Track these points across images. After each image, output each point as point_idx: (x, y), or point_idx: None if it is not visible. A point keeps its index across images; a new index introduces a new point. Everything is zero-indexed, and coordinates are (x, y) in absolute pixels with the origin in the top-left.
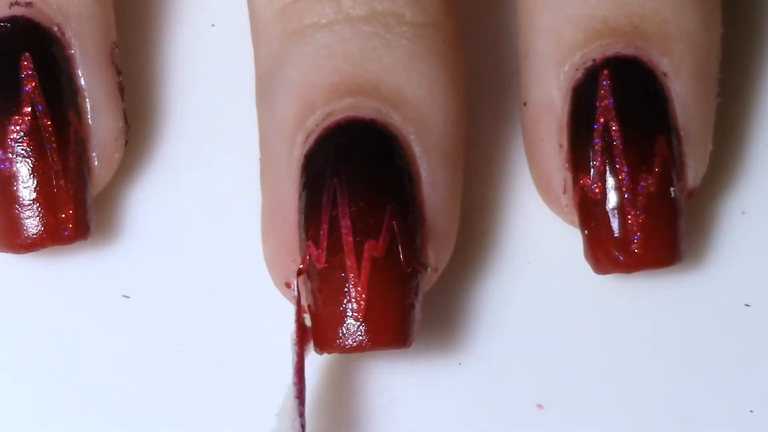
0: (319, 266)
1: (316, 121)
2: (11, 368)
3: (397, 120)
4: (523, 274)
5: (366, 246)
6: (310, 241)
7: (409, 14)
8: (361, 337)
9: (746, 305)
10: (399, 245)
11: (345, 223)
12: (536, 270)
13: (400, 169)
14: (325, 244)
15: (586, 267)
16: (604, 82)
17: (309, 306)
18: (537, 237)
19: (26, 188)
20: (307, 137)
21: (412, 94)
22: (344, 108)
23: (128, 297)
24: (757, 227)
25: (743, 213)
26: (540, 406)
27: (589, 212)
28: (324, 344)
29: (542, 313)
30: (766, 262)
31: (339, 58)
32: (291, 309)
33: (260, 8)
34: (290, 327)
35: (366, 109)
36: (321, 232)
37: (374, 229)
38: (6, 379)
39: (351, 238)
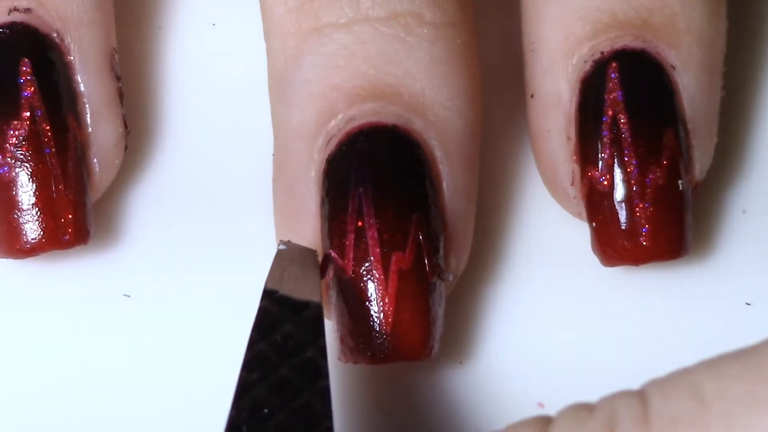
0: (344, 277)
1: (338, 126)
2: (12, 367)
3: (418, 125)
4: (524, 272)
5: (393, 258)
6: (335, 250)
7: (428, 14)
8: (387, 350)
9: (747, 304)
10: (424, 256)
11: (372, 234)
12: (538, 269)
13: (423, 177)
14: (351, 255)
15: (587, 266)
16: (613, 75)
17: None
18: (540, 233)
19: (25, 193)
20: (329, 141)
21: (433, 98)
22: (366, 113)
23: (129, 296)
24: (758, 226)
25: (744, 212)
26: (541, 405)
27: (597, 204)
28: (349, 355)
29: (543, 313)
30: (767, 261)
31: (359, 60)
32: None
33: (273, 3)
34: None
35: (388, 114)
36: (346, 243)
37: (401, 240)
38: (6, 379)
39: (378, 250)
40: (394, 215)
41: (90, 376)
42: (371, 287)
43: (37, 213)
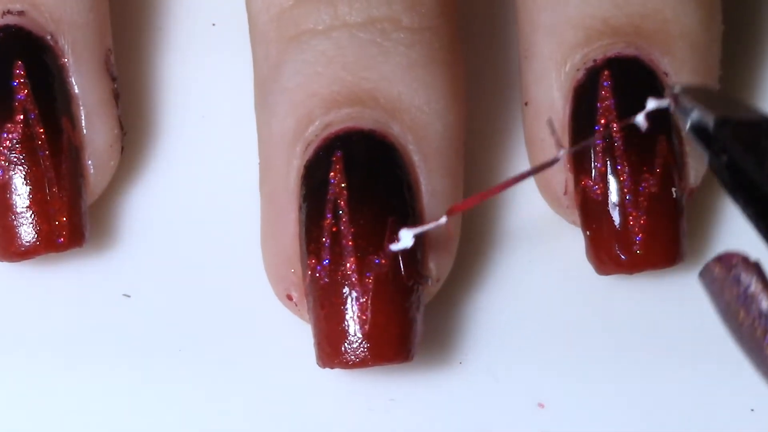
0: (321, 281)
1: (315, 132)
2: (11, 368)
3: (396, 129)
4: (523, 274)
5: (368, 261)
6: (311, 255)
7: (405, 19)
8: (364, 354)
9: None
10: (400, 259)
11: (348, 239)
12: (537, 269)
13: (400, 180)
14: (327, 259)
15: (587, 267)
16: (605, 83)
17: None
18: (538, 237)
19: (19, 196)
20: (306, 147)
21: (410, 102)
22: (343, 118)
23: (129, 296)
24: None
25: None
26: (541, 405)
27: (590, 213)
28: (326, 360)
29: (543, 313)
30: (766, 261)
31: (337, 66)
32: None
33: (257, 11)
34: (288, 327)
35: (365, 119)
36: (322, 246)
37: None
38: (6, 379)
39: (354, 254)
40: (369, 219)
41: (90, 376)
42: (347, 291)
43: (31, 216)
